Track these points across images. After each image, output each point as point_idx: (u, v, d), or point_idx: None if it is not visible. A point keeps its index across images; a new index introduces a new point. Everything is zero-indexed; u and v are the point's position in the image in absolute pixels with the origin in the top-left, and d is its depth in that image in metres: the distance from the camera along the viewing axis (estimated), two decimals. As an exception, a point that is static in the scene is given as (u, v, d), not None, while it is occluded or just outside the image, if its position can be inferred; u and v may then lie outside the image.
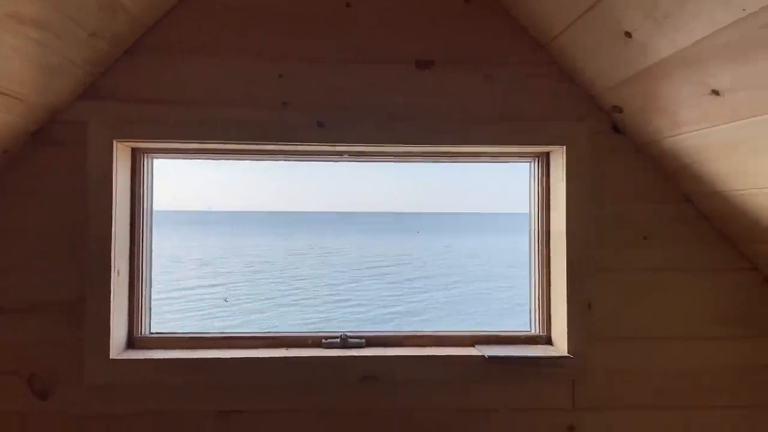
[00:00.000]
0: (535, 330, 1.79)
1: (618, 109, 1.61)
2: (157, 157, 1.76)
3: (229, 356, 1.62)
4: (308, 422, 1.63)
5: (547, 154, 1.78)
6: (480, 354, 1.66)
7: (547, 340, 1.76)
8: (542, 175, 1.79)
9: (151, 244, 1.76)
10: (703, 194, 1.62)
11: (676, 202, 1.69)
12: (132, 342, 1.70)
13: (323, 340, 1.73)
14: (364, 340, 1.74)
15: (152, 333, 1.73)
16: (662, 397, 1.68)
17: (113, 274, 1.60)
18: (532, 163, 1.82)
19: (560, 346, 1.69)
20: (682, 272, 1.68)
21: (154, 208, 1.79)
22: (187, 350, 1.67)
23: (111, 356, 1.58)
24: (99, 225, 1.59)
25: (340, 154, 1.74)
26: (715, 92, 1.26)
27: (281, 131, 1.60)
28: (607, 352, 1.66)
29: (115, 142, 1.59)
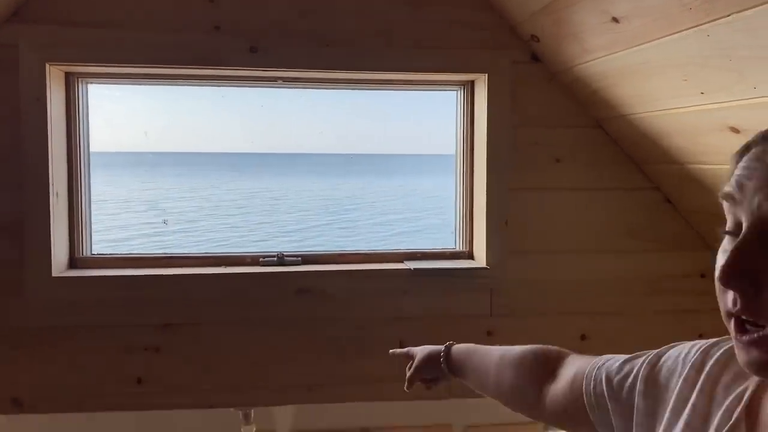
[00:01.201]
0: (459, 247, 1.93)
1: (535, 39, 1.72)
2: (91, 82, 1.78)
3: (170, 273, 1.71)
4: (246, 332, 1.75)
5: (472, 82, 1.88)
6: (407, 268, 1.79)
7: (469, 256, 1.90)
8: (467, 103, 1.90)
9: (89, 168, 1.80)
10: (610, 119, 1.76)
11: (588, 126, 1.83)
12: (73, 262, 1.77)
13: (260, 259, 1.83)
14: (300, 259, 1.85)
15: (93, 254, 1.80)
16: (569, 304, 1.86)
17: (52, 197, 1.65)
18: (459, 92, 1.92)
19: (480, 259, 1.84)
20: (590, 192, 1.84)
21: (101, 150, 1.82)
22: (129, 269, 1.75)
23: (53, 274, 1.65)
24: (34, 147, 1.62)
25: (274, 80, 1.80)
26: (615, 20, 1.37)
27: (213, 55, 1.65)
28: (521, 264, 1.82)
29: (47, 65, 1.61)
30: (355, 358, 1.80)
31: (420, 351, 1.13)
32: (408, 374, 1.14)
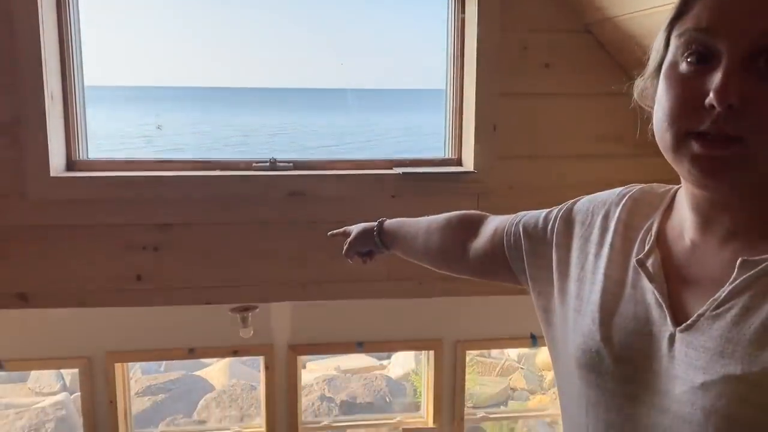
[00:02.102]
0: (448, 154, 1.97)
1: (526, -61, 1.71)
2: (80, -15, 1.78)
3: (167, 174, 1.76)
4: (240, 232, 1.81)
5: (463, -14, 1.87)
6: (396, 173, 1.84)
7: (458, 163, 1.95)
8: (458, 10, 1.90)
9: (82, 73, 1.82)
10: (598, 22, 1.77)
11: (577, 31, 1.83)
12: (71, 165, 1.81)
13: (253, 164, 1.88)
14: (292, 164, 1.90)
15: (90, 158, 1.84)
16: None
17: (47, 98, 1.67)
18: (450, -2, 1.91)
19: (468, 165, 1.88)
20: (578, 97, 1.86)
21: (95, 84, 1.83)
22: (126, 171, 1.79)
23: (51, 174, 1.69)
24: (28, 48, 1.63)
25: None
26: None
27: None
28: (508, 168, 1.86)
29: (35, -35, 1.61)
30: (344, 258, 1.86)
31: (355, 227, 1.22)
32: (344, 249, 1.22)
